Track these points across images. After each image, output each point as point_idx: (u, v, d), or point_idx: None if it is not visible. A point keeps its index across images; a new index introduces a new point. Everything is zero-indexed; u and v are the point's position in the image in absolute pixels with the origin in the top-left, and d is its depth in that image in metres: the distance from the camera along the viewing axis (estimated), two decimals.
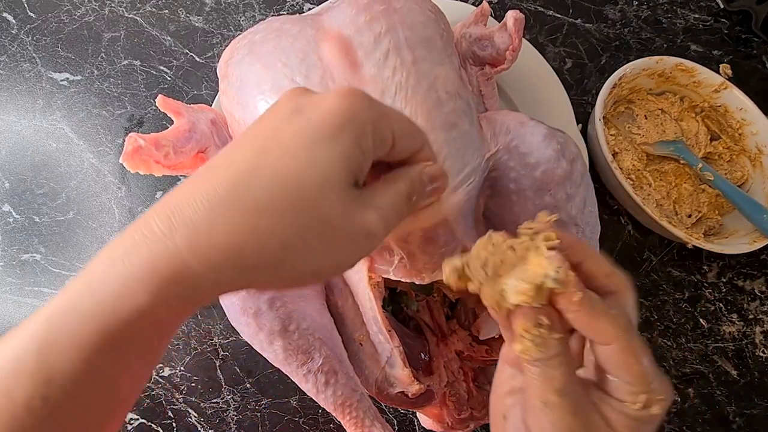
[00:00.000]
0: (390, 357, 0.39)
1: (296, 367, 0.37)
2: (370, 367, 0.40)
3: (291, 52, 0.37)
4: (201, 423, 0.49)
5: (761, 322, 0.55)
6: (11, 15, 0.60)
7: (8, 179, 0.56)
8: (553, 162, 0.36)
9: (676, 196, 0.57)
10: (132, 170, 0.36)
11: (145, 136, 0.36)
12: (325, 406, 0.38)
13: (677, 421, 0.52)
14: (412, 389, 0.38)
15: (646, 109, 0.59)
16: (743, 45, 0.64)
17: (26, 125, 0.57)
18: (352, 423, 0.38)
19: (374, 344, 0.40)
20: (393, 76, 0.35)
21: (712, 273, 0.56)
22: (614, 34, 0.63)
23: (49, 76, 0.59)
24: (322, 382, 0.37)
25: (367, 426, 0.38)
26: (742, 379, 0.53)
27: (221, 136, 0.42)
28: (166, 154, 0.37)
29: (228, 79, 0.40)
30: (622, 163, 0.56)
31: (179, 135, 0.38)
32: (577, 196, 0.37)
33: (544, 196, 0.36)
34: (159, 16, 0.61)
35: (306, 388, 0.38)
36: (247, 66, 0.38)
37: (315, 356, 0.37)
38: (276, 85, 0.36)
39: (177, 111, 0.40)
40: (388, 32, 0.36)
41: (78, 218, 0.55)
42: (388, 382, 0.39)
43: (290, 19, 0.40)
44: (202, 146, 0.40)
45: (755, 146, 0.56)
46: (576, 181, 0.37)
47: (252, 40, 0.39)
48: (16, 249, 0.54)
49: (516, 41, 0.42)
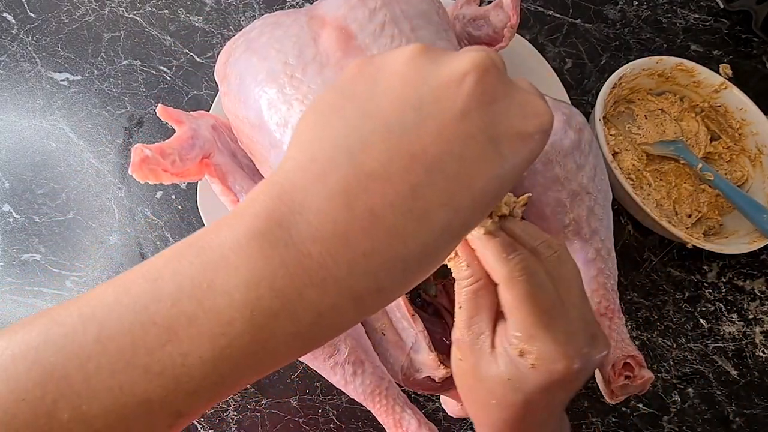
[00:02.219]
0: (415, 342, 0.39)
1: (323, 361, 0.38)
2: (395, 354, 0.40)
3: (284, 39, 0.37)
4: (201, 423, 0.49)
5: (761, 322, 0.55)
6: (11, 15, 0.60)
7: (8, 179, 0.56)
8: (560, 133, 0.36)
9: (676, 196, 0.57)
10: (141, 181, 0.36)
11: (150, 146, 0.36)
12: (355, 396, 0.38)
13: (677, 421, 0.52)
14: (439, 373, 0.38)
15: (646, 109, 0.59)
16: (743, 45, 0.64)
17: (26, 125, 0.57)
18: (382, 411, 0.38)
19: (398, 331, 0.40)
20: (391, 44, 0.35)
21: (712, 273, 0.56)
22: (614, 34, 0.63)
23: (49, 76, 0.59)
24: (350, 373, 0.38)
25: (398, 412, 0.38)
26: (742, 379, 0.53)
27: (223, 141, 0.42)
28: (173, 162, 0.37)
29: (227, 80, 0.40)
30: (622, 163, 0.56)
31: (183, 143, 0.38)
32: (587, 164, 0.37)
33: (554, 168, 0.36)
34: (159, 16, 0.61)
35: (335, 380, 0.38)
36: (244, 63, 0.39)
37: (341, 348, 0.37)
38: (271, 72, 0.37)
39: (178, 120, 0.40)
40: (384, 7, 0.37)
41: (78, 218, 0.55)
42: (414, 368, 0.39)
43: (285, 13, 0.41)
44: (206, 152, 0.40)
45: (755, 146, 0.56)
46: (584, 150, 0.37)
47: (248, 37, 0.40)
48: (16, 249, 0.54)
49: (514, 18, 0.42)
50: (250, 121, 0.39)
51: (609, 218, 0.39)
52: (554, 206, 0.36)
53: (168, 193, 0.55)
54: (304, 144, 0.20)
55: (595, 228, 0.37)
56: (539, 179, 0.36)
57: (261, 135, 0.39)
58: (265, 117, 0.38)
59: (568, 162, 0.36)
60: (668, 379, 0.53)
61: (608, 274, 0.38)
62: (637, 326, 0.54)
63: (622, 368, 0.37)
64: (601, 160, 0.38)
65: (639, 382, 0.36)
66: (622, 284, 0.55)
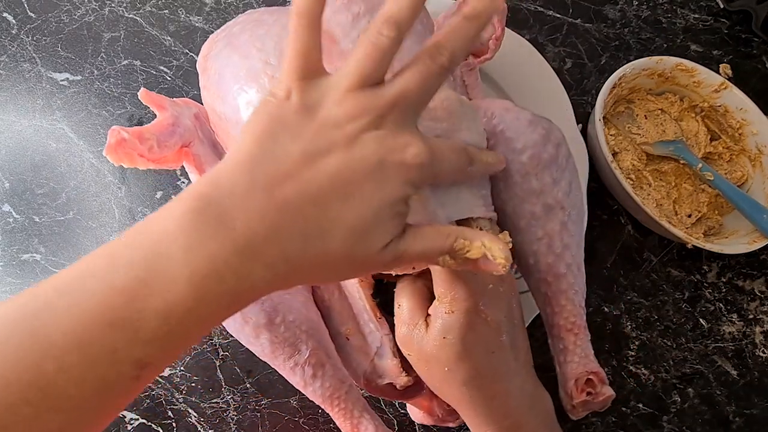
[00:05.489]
0: (379, 347, 0.39)
1: (283, 360, 0.37)
2: (358, 360, 0.40)
3: (266, 38, 0.37)
4: (201, 423, 0.49)
5: (761, 322, 0.55)
6: (11, 15, 0.60)
7: (8, 179, 0.56)
8: (539, 146, 0.36)
9: (676, 196, 0.57)
10: (116, 163, 0.35)
11: (128, 129, 0.35)
12: (314, 398, 0.38)
13: (677, 421, 0.52)
14: (401, 381, 0.38)
15: (646, 109, 0.59)
16: (743, 45, 0.64)
17: (26, 125, 0.57)
18: (340, 414, 0.38)
19: (363, 336, 0.40)
20: None
21: (712, 273, 0.56)
22: (614, 34, 0.63)
23: (49, 76, 0.59)
24: (310, 375, 0.37)
25: (356, 417, 0.38)
26: (742, 379, 0.53)
27: (205, 131, 0.42)
28: (150, 148, 0.36)
29: (207, 73, 0.40)
30: (622, 163, 0.56)
31: (163, 129, 0.37)
32: (563, 180, 0.37)
33: (531, 181, 0.36)
34: (159, 16, 0.61)
35: (294, 381, 0.38)
36: (224, 58, 0.38)
37: (302, 349, 0.37)
38: (251, 71, 0.36)
39: (160, 105, 0.39)
40: (367, 13, 0.37)
41: (78, 218, 0.55)
42: (376, 374, 0.39)
43: (269, 10, 0.40)
44: (185, 140, 0.39)
45: (755, 146, 0.56)
46: (561, 165, 0.37)
47: (230, 32, 0.39)
48: (16, 249, 0.54)
49: (499, 30, 0.43)
50: (227, 116, 0.38)
51: (581, 235, 0.39)
52: (529, 219, 0.37)
53: (168, 193, 0.56)
54: (241, 147, 0.26)
55: (567, 243, 0.37)
56: (517, 191, 0.36)
57: (237, 131, 0.38)
58: (243, 115, 0.37)
59: (545, 176, 0.36)
60: (668, 379, 0.53)
61: (576, 290, 0.38)
62: (637, 326, 0.54)
63: (585, 384, 0.37)
64: (576, 177, 0.39)
65: (600, 399, 0.36)
66: (621, 284, 0.55)
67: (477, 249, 0.28)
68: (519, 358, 0.35)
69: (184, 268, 0.23)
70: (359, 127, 0.25)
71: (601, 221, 0.57)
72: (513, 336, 0.35)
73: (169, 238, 0.23)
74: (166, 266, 0.23)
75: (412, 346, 0.34)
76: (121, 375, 0.23)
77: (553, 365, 0.39)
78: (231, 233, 0.23)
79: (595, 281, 0.54)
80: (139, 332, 0.22)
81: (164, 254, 0.23)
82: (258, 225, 0.24)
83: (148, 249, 0.23)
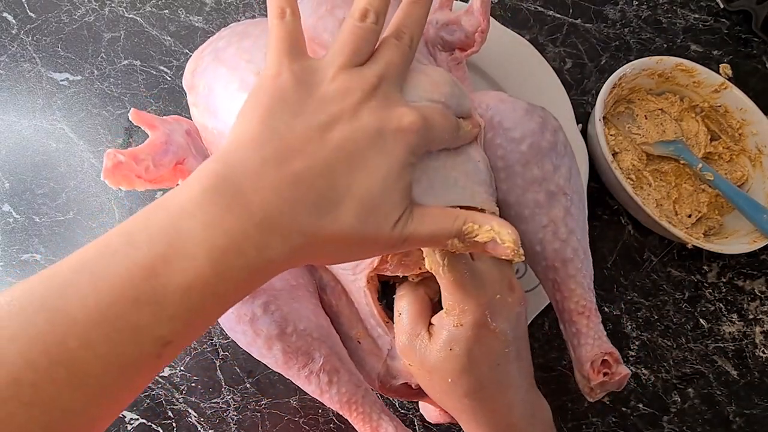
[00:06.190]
0: (391, 349, 0.39)
1: (297, 370, 0.37)
2: (371, 362, 0.40)
3: (254, 50, 0.37)
4: (201, 423, 0.49)
5: (761, 322, 0.55)
6: (11, 15, 0.60)
7: (8, 179, 0.56)
8: (538, 134, 0.37)
9: (676, 196, 0.57)
10: (114, 186, 0.35)
11: (123, 151, 0.35)
12: (331, 405, 0.38)
13: (677, 421, 0.52)
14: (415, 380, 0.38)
15: (646, 109, 0.59)
16: (743, 45, 0.64)
17: (26, 125, 0.57)
18: (359, 419, 0.38)
19: (373, 339, 0.40)
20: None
21: (712, 273, 0.56)
22: (614, 34, 0.63)
23: (49, 76, 0.59)
24: (326, 382, 0.37)
25: (375, 420, 0.38)
26: (742, 379, 0.53)
27: (197, 147, 0.41)
28: (146, 168, 0.36)
29: (196, 90, 0.40)
30: (622, 163, 0.56)
31: (156, 148, 0.37)
32: (563, 166, 0.37)
33: (532, 169, 0.36)
34: (159, 16, 0.61)
35: (310, 389, 0.38)
36: (212, 73, 0.38)
37: (315, 356, 0.37)
38: (243, 83, 0.36)
39: (151, 124, 0.39)
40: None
41: (78, 218, 0.55)
42: (390, 375, 0.39)
43: (253, 22, 0.40)
44: (179, 158, 0.39)
45: (755, 146, 0.56)
46: (560, 152, 0.37)
47: (216, 47, 0.39)
48: (16, 249, 0.54)
49: (484, 23, 0.43)
50: (220, 131, 0.38)
51: (584, 219, 0.39)
52: (533, 207, 0.37)
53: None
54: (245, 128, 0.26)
55: (572, 228, 0.38)
56: (518, 181, 0.37)
57: None
58: None
59: (546, 163, 0.37)
60: (668, 379, 0.53)
61: (585, 274, 0.38)
62: (637, 326, 0.54)
63: (601, 365, 0.37)
64: (575, 162, 0.39)
65: (617, 379, 0.37)
66: (622, 284, 0.55)
67: (486, 233, 0.28)
68: (522, 369, 0.35)
69: (204, 244, 0.23)
70: (356, 101, 0.27)
71: (601, 221, 0.57)
72: (518, 347, 0.34)
73: (188, 215, 0.24)
74: (185, 243, 0.23)
75: (414, 356, 0.34)
76: (144, 353, 0.23)
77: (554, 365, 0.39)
78: (247, 208, 0.24)
79: (596, 281, 0.54)
80: (162, 309, 0.23)
81: (184, 231, 0.23)
82: (272, 198, 0.24)
83: (168, 226, 0.23)
